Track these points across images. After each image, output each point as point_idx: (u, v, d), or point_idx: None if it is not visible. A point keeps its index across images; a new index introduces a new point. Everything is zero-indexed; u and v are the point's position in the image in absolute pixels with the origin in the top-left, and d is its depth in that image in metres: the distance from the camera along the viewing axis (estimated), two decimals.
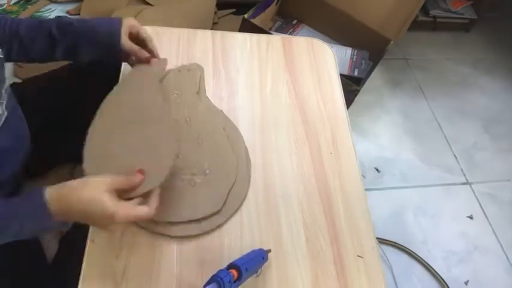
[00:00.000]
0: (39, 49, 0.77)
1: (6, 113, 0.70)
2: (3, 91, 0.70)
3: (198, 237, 0.70)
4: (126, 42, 0.78)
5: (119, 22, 0.78)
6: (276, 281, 0.68)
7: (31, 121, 0.84)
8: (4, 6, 1.72)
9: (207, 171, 0.76)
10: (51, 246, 1.00)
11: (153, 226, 0.69)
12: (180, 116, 0.82)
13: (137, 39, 0.80)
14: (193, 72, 0.89)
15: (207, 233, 0.70)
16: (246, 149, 0.81)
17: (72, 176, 0.97)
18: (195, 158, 0.77)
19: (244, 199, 0.76)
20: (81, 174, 0.98)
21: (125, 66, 0.86)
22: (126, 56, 0.81)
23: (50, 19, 0.78)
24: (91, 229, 0.67)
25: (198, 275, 0.66)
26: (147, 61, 0.80)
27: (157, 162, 0.66)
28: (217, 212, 0.72)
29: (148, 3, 1.72)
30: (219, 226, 0.71)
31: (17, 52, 0.76)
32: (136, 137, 0.70)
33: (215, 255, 0.68)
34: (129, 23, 0.79)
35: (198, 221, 0.70)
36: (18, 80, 1.44)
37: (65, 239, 1.04)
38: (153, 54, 0.82)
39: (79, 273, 0.63)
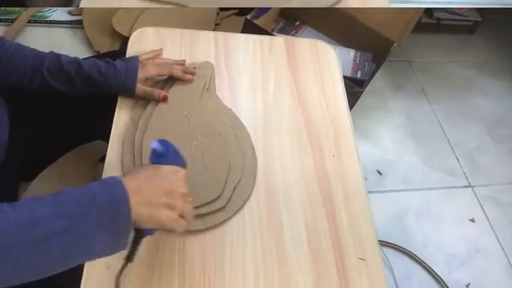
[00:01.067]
0: (60, 86, 0.80)
1: None
2: None
3: (200, 240, 0.70)
4: (139, 90, 0.81)
5: (133, 77, 0.80)
6: (278, 283, 0.67)
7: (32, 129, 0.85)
8: None
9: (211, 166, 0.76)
10: None
11: None
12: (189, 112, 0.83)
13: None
14: (203, 71, 0.90)
15: (209, 232, 0.70)
16: (253, 148, 0.82)
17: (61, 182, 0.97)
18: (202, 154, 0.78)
19: (249, 197, 0.76)
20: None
21: None
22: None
23: (68, 61, 0.79)
24: None
25: (200, 278, 0.66)
26: (164, 99, 0.82)
27: None
28: (222, 209, 0.72)
29: None
30: (222, 222, 0.72)
31: (39, 86, 0.79)
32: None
33: (217, 258, 0.68)
34: (145, 74, 0.82)
35: (202, 216, 0.71)
36: None
37: None
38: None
39: (81, 272, 0.63)
